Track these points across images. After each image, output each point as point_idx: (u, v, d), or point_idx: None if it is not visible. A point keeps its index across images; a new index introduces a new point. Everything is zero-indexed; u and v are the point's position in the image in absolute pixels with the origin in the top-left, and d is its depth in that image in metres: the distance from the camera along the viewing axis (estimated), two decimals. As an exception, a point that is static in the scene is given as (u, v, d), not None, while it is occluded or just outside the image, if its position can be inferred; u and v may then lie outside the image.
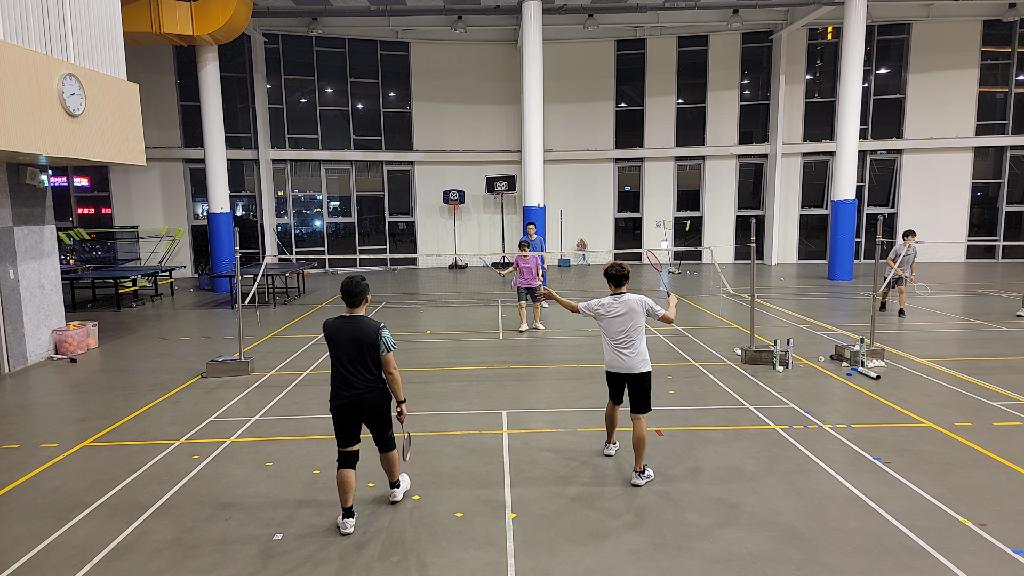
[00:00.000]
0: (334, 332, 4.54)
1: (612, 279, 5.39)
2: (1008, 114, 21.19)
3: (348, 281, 4.60)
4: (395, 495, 4.96)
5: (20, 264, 9.41)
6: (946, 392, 7.47)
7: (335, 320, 4.59)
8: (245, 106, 20.30)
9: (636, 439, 5.19)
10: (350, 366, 4.50)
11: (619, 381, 5.42)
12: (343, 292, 4.60)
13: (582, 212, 22.40)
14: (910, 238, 11.75)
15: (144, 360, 9.62)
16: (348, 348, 4.49)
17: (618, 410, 5.65)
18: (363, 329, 4.49)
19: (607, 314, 5.32)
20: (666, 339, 10.42)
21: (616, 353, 5.31)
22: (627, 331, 5.24)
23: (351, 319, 4.55)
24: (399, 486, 4.98)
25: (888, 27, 20.99)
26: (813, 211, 22.16)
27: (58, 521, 4.73)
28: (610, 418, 5.72)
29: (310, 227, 22.13)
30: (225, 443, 6.20)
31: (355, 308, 4.61)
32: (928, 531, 4.40)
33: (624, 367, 5.28)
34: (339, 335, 4.52)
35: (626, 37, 21.45)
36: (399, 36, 21.12)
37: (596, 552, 4.23)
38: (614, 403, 5.60)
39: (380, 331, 4.51)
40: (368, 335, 4.48)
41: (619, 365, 5.30)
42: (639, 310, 5.25)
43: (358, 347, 4.48)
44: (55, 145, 8.14)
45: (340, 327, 4.53)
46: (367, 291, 4.64)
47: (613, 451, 5.80)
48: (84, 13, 9.14)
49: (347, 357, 4.50)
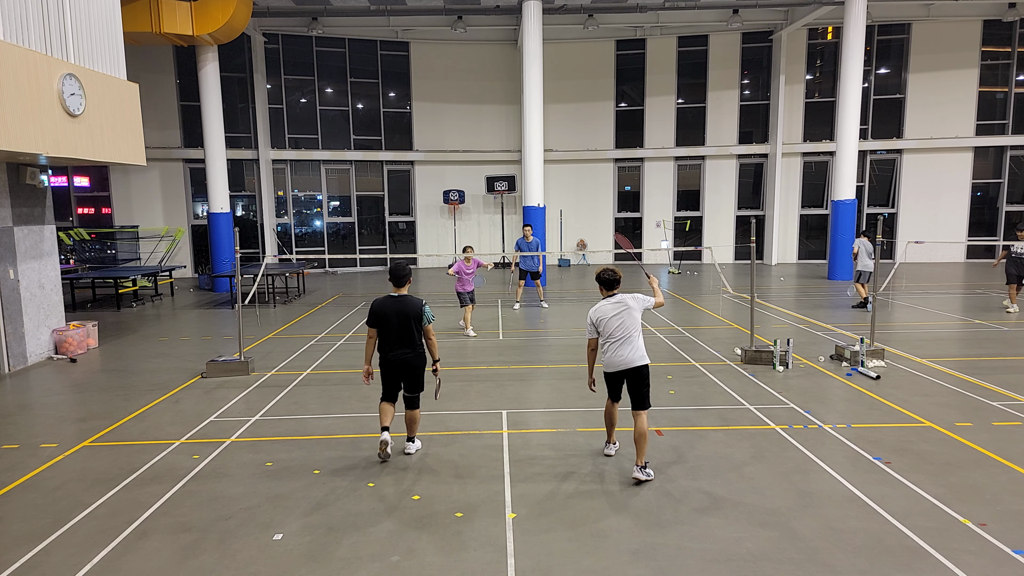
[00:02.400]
0: (383, 308, 5.46)
1: (604, 283, 5.52)
2: (1008, 114, 21.19)
3: (395, 265, 5.58)
4: (409, 447, 5.80)
5: (20, 264, 9.41)
6: (946, 392, 7.47)
7: (383, 299, 5.53)
8: (245, 106, 20.30)
9: (638, 435, 5.24)
10: (398, 335, 5.46)
11: (618, 379, 5.45)
12: (392, 274, 5.57)
13: (582, 212, 22.40)
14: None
15: (144, 360, 9.62)
16: (397, 320, 5.44)
17: (617, 408, 5.66)
18: (409, 305, 5.49)
19: (605, 316, 5.39)
20: (666, 339, 10.42)
21: (615, 351, 5.35)
22: (625, 327, 5.33)
23: (398, 298, 5.50)
24: (414, 442, 5.83)
25: (888, 27, 21.00)
26: (813, 211, 22.16)
27: (58, 521, 4.73)
28: (610, 416, 5.73)
29: (310, 227, 22.13)
30: (225, 443, 6.20)
31: (401, 288, 5.56)
32: (928, 531, 4.40)
33: (624, 362, 5.32)
34: (389, 310, 5.45)
35: (626, 37, 21.45)
36: (399, 36, 21.12)
37: (596, 552, 4.23)
38: (613, 400, 5.62)
39: (423, 307, 5.56)
40: (414, 309, 5.49)
41: (618, 362, 5.34)
42: (634, 306, 5.40)
43: (405, 319, 5.45)
44: (55, 145, 8.14)
45: (389, 304, 5.48)
46: (410, 273, 5.64)
47: (613, 451, 5.80)
48: (84, 13, 9.14)
49: (396, 327, 5.45)
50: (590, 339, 5.54)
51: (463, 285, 10.99)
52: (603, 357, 5.47)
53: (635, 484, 5.17)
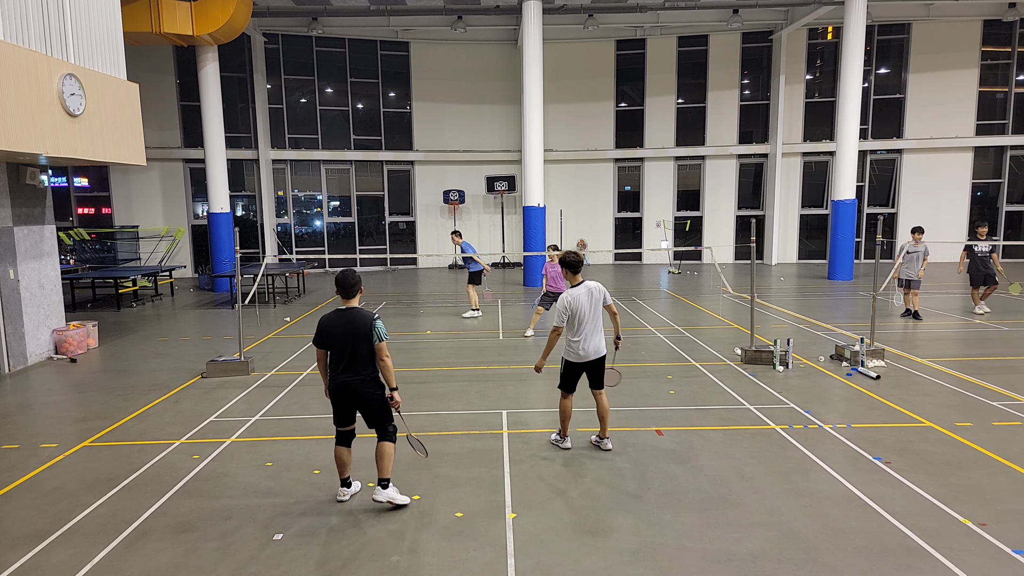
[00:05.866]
0: (330, 324, 4.71)
1: (571, 267, 5.69)
2: (1008, 114, 21.20)
3: (342, 275, 4.78)
4: (377, 494, 4.73)
5: (20, 264, 9.41)
6: (946, 392, 7.47)
7: (330, 314, 4.78)
8: (245, 106, 20.30)
9: (604, 410, 5.82)
10: (346, 355, 4.66)
11: (583, 369, 5.72)
12: (338, 285, 4.77)
13: (582, 212, 22.40)
14: (917, 235, 11.70)
15: (144, 360, 9.62)
16: (344, 338, 4.65)
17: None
18: (358, 320, 4.67)
19: (582, 306, 5.57)
20: (666, 339, 10.42)
21: (589, 340, 5.61)
22: (596, 315, 5.61)
23: (346, 311, 4.72)
24: (387, 488, 4.74)
25: (888, 27, 21.00)
26: (813, 211, 22.16)
27: (58, 521, 4.73)
28: (570, 411, 5.90)
29: (310, 227, 22.14)
30: (225, 443, 6.20)
31: (350, 300, 4.79)
32: (928, 531, 4.40)
33: (595, 350, 5.65)
34: (335, 327, 4.68)
35: (626, 37, 21.45)
36: (399, 36, 21.12)
37: (596, 552, 4.23)
38: (570, 393, 5.84)
39: (374, 322, 4.69)
40: (363, 326, 4.65)
41: (591, 350, 5.63)
42: (598, 296, 5.66)
43: (354, 337, 4.64)
44: (55, 145, 8.14)
45: (336, 319, 4.71)
46: (360, 283, 4.84)
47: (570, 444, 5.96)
48: (84, 13, 9.13)
49: (343, 346, 4.66)
50: (558, 327, 5.65)
51: (556, 284, 10.54)
52: (576, 348, 5.64)
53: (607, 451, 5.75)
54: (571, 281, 5.74)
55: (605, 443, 5.87)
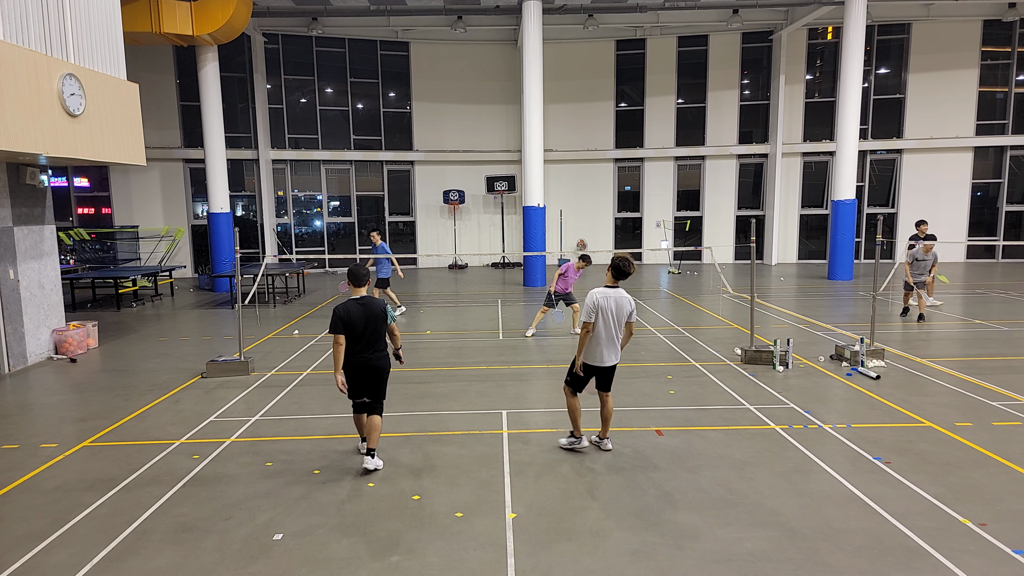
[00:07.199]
0: (350, 311, 5.34)
1: (618, 273, 5.59)
2: (1008, 114, 21.19)
3: (354, 267, 5.51)
4: (366, 462, 5.45)
5: (20, 264, 9.41)
6: (946, 392, 7.47)
7: (347, 303, 5.39)
8: (245, 106, 20.30)
9: (609, 412, 5.84)
10: (366, 336, 5.37)
11: (594, 371, 5.72)
12: (351, 276, 5.49)
13: (582, 212, 22.40)
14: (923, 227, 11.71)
15: (144, 360, 9.62)
16: (366, 322, 5.36)
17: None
18: (374, 306, 5.45)
19: (608, 307, 5.52)
20: (666, 339, 10.42)
21: (607, 347, 5.59)
22: (616, 325, 5.58)
23: (362, 300, 5.43)
24: (373, 457, 5.48)
25: (888, 27, 20.99)
26: (813, 211, 22.16)
27: (58, 521, 4.73)
28: (579, 408, 5.90)
29: (310, 227, 22.14)
30: (225, 443, 6.20)
31: (361, 289, 5.51)
32: (928, 531, 4.40)
33: (611, 359, 5.65)
34: (356, 313, 5.35)
35: (626, 37, 21.44)
36: (399, 36, 21.12)
37: (596, 552, 4.23)
38: (578, 392, 5.85)
39: (385, 307, 5.57)
40: (379, 310, 5.46)
41: (606, 358, 5.63)
42: (626, 307, 5.63)
43: (374, 320, 5.40)
44: (55, 145, 8.14)
45: (354, 307, 5.37)
46: (369, 274, 5.61)
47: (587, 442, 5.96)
48: (84, 13, 9.13)
49: (363, 329, 5.35)
50: (587, 323, 5.57)
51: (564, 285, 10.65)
52: (589, 350, 5.61)
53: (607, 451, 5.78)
54: (609, 283, 5.64)
55: (605, 443, 5.90)
